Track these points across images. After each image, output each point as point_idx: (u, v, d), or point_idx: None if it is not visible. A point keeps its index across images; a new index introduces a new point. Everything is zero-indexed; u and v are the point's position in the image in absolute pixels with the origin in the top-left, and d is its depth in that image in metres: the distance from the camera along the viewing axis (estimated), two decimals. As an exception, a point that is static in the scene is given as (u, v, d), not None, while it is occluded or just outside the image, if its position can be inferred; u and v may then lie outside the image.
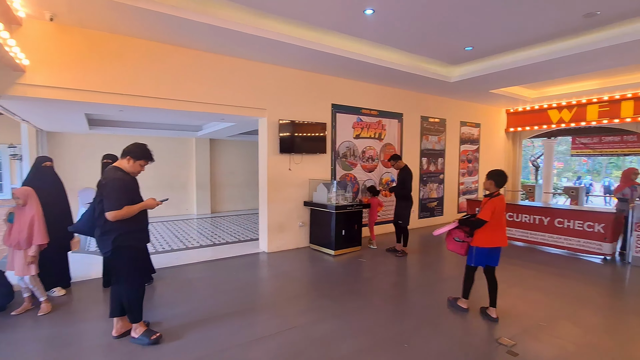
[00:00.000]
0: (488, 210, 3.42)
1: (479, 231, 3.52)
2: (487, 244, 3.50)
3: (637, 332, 3.27)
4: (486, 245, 3.50)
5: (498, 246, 3.53)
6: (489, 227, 3.45)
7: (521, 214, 6.84)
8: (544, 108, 9.83)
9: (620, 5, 4.32)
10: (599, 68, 6.43)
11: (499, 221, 3.47)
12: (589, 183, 23.28)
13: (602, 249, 5.75)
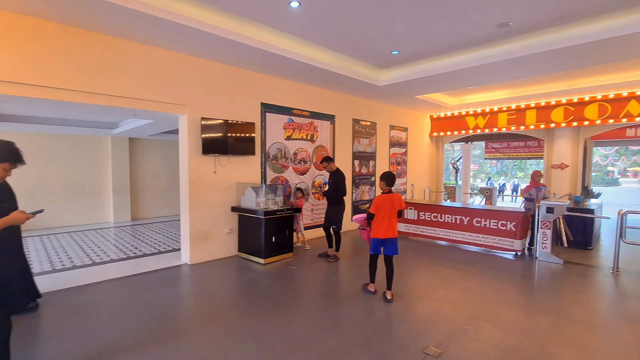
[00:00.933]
0: (374, 205, 4.06)
1: (373, 224, 4.10)
2: (377, 235, 4.03)
3: (551, 330, 3.38)
4: (376, 236, 4.04)
5: (388, 237, 4.02)
6: (377, 220, 4.03)
7: (444, 214, 7.07)
8: (463, 115, 10.48)
9: (529, 17, 4.58)
10: (510, 78, 6.91)
11: (385, 215, 4.00)
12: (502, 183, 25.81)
13: (514, 245, 6.13)
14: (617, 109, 7.90)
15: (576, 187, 9.10)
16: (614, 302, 4.10)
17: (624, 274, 5.13)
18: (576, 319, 3.61)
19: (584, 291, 4.42)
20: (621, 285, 4.66)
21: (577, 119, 8.46)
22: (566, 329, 3.37)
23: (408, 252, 6.43)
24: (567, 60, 5.63)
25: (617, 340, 3.15)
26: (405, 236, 7.65)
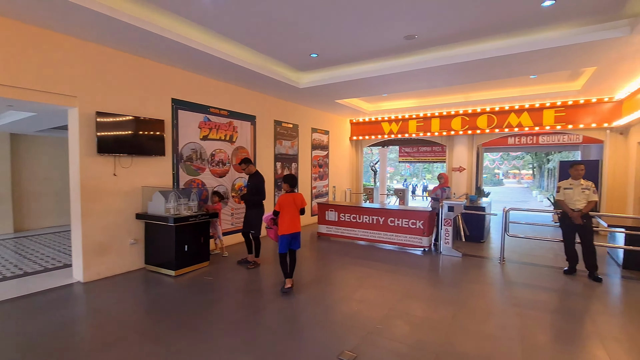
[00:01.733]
0: (278, 203, 4.40)
1: (279, 221, 4.41)
2: (283, 231, 4.33)
3: (454, 321, 3.64)
4: (283, 232, 4.33)
5: (293, 232, 4.36)
6: (282, 217, 4.37)
7: (362, 215, 7.31)
8: (379, 120, 11.05)
9: (433, 32, 4.93)
10: (418, 88, 7.44)
11: (288, 212, 4.35)
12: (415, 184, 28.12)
13: (422, 242, 6.59)
14: (501, 120, 9.09)
15: (471, 188, 10.24)
16: (503, 290, 4.61)
17: (508, 263, 5.86)
18: (474, 308, 3.95)
19: (479, 281, 4.91)
20: (507, 274, 5.29)
21: (472, 127, 9.52)
22: (466, 319, 3.66)
23: (330, 253, 6.47)
24: (465, 74, 6.25)
25: (507, 326, 3.51)
26: (327, 237, 7.72)
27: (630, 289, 4.66)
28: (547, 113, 8.51)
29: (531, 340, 3.21)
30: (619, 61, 5.35)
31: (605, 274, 5.28)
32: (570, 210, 5.10)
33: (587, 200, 5.03)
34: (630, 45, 4.66)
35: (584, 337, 3.30)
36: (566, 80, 7.47)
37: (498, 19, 4.49)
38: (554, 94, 8.00)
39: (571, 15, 4.39)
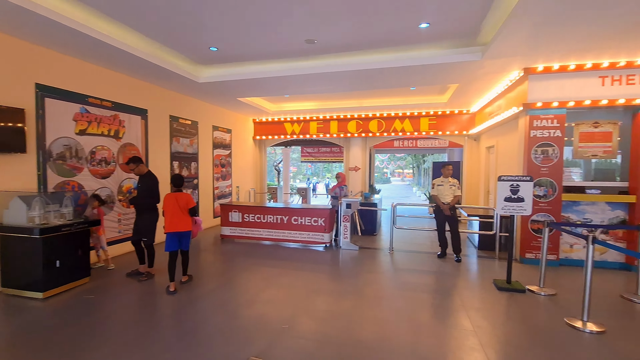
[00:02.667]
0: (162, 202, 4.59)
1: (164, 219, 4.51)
2: (168, 228, 4.43)
3: (354, 311, 3.90)
4: (168, 230, 4.43)
5: (177, 231, 4.44)
6: (166, 216, 4.48)
7: (267, 215, 7.27)
8: (282, 121, 11.14)
9: (331, 39, 5.18)
10: (318, 91, 7.75)
11: (169, 212, 4.45)
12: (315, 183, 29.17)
13: (324, 238, 6.90)
14: (388, 125, 10.14)
15: (365, 186, 11.17)
16: (392, 277, 5.15)
17: (396, 252, 6.57)
18: (370, 296, 4.31)
19: (374, 270, 5.39)
20: (395, 262, 5.94)
21: (365, 131, 10.39)
22: (364, 307, 3.97)
23: (235, 255, 6.24)
24: (359, 81, 6.75)
25: (398, 309, 3.93)
26: (231, 239, 7.44)
27: (484, 265, 5.72)
28: (423, 121, 9.83)
29: (417, 319, 3.67)
30: (473, 80, 6.49)
31: (466, 255, 6.37)
32: (441, 204, 6.00)
33: (453, 194, 6.00)
34: (481, 67, 5.69)
35: (454, 311, 3.91)
36: (437, 94, 8.74)
37: (385, 34, 4.98)
38: (428, 105, 9.29)
39: (441, 38, 5.16)
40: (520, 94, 5.86)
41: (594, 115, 5.62)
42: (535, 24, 4.04)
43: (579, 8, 3.68)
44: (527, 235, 5.70)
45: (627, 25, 4.06)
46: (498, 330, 3.42)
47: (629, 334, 3.37)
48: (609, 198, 5.45)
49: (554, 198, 5.53)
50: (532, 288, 4.51)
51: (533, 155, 5.60)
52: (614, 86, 5.27)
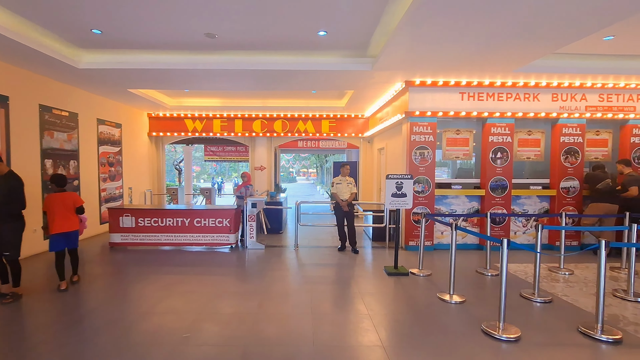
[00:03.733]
0: (44, 203, 4.48)
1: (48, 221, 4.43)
2: (53, 230, 4.38)
3: (259, 310, 3.96)
4: (53, 231, 4.38)
5: (66, 231, 4.43)
6: (51, 217, 4.40)
7: (166, 218, 6.76)
8: (182, 117, 10.42)
9: (233, 36, 5.10)
10: (221, 88, 7.51)
11: (58, 212, 4.40)
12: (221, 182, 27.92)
13: (229, 239, 6.76)
14: (292, 126, 10.43)
15: (271, 185, 11.26)
16: (297, 272, 5.37)
17: (301, 248, 6.85)
18: (276, 293, 4.42)
19: (280, 268, 5.53)
20: (300, 258, 6.19)
21: (270, 130, 10.47)
22: (269, 305, 4.06)
23: (128, 265, 5.64)
24: (262, 81, 6.77)
25: (301, 302, 4.13)
26: (123, 247, 6.69)
27: (377, 255, 6.39)
28: (324, 123, 10.40)
29: (318, 310, 3.91)
30: (365, 88, 7.16)
31: (363, 246, 7.02)
32: (340, 201, 6.48)
33: (350, 192, 6.54)
34: (371, 77, 6.32)
35: (351, 298, 4.30)
36: (336, 98, 9.35)
37: (287, 37, 5.13)
38: (329, 108, 9.87)
39: (338, 47, 5.56)
40: (403, 103, 6.71)
41: (457, 124, 6.79)
42: (408, 47, 4.72)
43: (437, 42, 4.43)
44: (409, 226, 6.57)
45: (473, 57, 5.03)
46: (387, 311, 3.90)
47: (482, 300, 4.21)
48: (467, 192, 6.66)
49: (429, 193, 6.51)
50: (414, 271, 5.24)
51: (413, 156, 6.48)
52: (470, 101, 6.47)
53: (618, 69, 5.83)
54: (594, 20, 3.95)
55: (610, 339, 3.18)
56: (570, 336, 3.31)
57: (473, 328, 3.45)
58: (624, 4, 3.58)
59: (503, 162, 6.53)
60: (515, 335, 3.22)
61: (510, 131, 6.51)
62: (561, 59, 5.74)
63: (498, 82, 6.38)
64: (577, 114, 6.52)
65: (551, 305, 4.07)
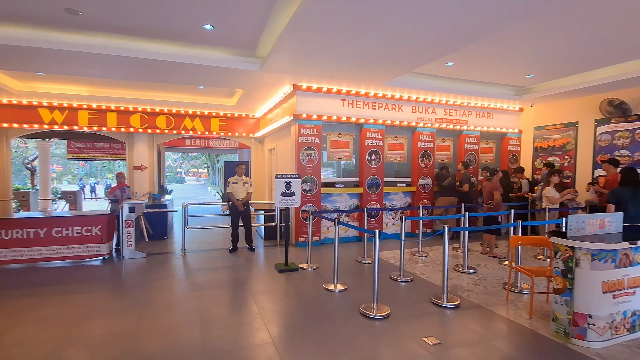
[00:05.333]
0: None
1: None
2: None
3: (139, 324, 3.56)
4: None
5: None
6: None
7: (12, 230, 5.45)
8: (35, 105, 8.49)
9: (102, 15, 4.41)
10: (88, 75, 6.35)
11: None
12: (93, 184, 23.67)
13: (101, 250, 5.87)
14: (178, 123, 9.61)
15: (154, 186, 10.20)
16: (186, 279, 5.04)
17: (189, 253, 6.43)
18: (159, 304, 4.06)
19: (164, 277, 5.08)
20: (188, 263, 5.81)
21: (151, 126, 9.43)
22: (152, 318, 3.70)
23: (-56, 295, 4.34)
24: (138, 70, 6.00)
25: (189, 311, 3.89)
26: (-61, 272, 5.11)
27: (269, 253, 6.49)
28: (214, 121, 9.94)
29: (208, 316, 3.76)
30: (255, 88, 7.13)
31: (256, 246, 7.01)
32: (236, 200, 6.34)
33: (246, 192, 6.47)
34: (260, 78, 6.32)
35: (243, 299, 4.27)
36: (226, 96, 9.04)
37: (169, 25, 4.68)
38: (218, 106, 9.47)
39: (226, 44, 5.37)
40: (291, 105, 6.94)
41: (339, 128, 7.39)
42: (293, 54, 4.93)
43: (319, 53, 4.78)
44: (299, 223, 6.87)
45: (349, 69, 5.58)
46: (278, 307, 4.01)
47: (360, 286, 4.71)
48: (348, 190, 7.34)
49: (316, 192, 6.92)
50: (303, 266, 5.51)
51: (301, 157, 6.79)
52: (349, 108, 7.13)
53: (456, 89, 7.27)
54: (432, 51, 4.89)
55: (452, 305, 3.98)
56: (425, 307, 4.01)
57: (353, 312, 3.85)
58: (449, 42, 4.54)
59: (377, 163, 7.41)
60: (386, 313, 3.73)
61: (381, 136, 7.43)
62: (418, 78, 6.82)
63: (372, 92, 7.20)
64: (429, 124, 7.88)
65: (413, 283, 4.84)
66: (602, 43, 5.05)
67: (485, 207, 6.17)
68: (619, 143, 7.00)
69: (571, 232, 3.23)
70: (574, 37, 4.86)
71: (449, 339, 3.24)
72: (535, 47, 5.27)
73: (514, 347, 3.13)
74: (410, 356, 2.95)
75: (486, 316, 3.76)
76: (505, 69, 6.36)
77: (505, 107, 8.68)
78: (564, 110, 8.03)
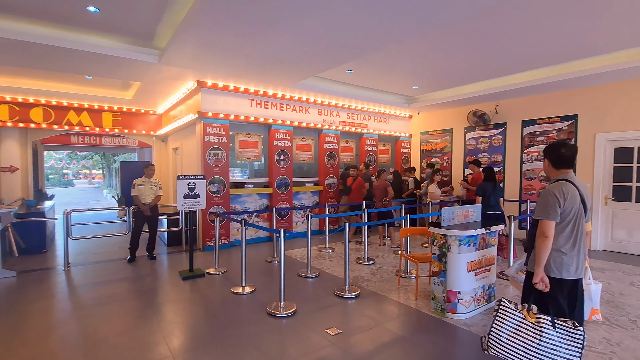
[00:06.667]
0: None
1: None
2: None
3: (8, 358, 2.91)
4: None
5: None
6: None
7: None
8: None
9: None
10: None
11: None
12: None
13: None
14: (60, 116, 8.14)
15: (29, 191, 8.47)
16: (69, 298, 4.29)
17: (74, 267, 5.52)
18: (32, 330, 3.37)
19: (40, 297, 4.24)
20: (73, 279, 4.98)
21: (24, 120, 7.79)
22: (20, 348, 3.06)
23: None
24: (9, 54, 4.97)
25: (70, 333, 3.32)
26: None
27: (173, 260, 5.97)
28: (106, 116, 8.71)
29: (95, 337, 3.26)
30: (155, 82, 6.47)
31: (158, 253, 6.40)
32: (142, 204, 5.68)
33: (154, 195, 5.84)
34: (159, 71, 5.76)
35: (140, 312, 3.83)
36: (120, 89, 8.00)
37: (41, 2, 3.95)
38: (111, 99, 8.32)
39: (118, 31, 4.73)
40: (196, 102, 6.51)
41: (248, 128, 7.22)
42: (195, 49, 4.64)
43: (224, 51, 4.60)
44: (206, 226, 6.50)
45: (257, 69, 5.51)
46: (180, 318, 3.72)
47: (269, 286, 4.67)
48: (258, 190, 7.23)
49: (224, 193, 6.64)
50: (210, 271, 5.23)
51: (208, 157, 6.43)
52: (257, 108, 7.03)
53: (357, 95, 7.79)
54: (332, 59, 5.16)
55: (353, 295, 4.25)
56: (330, 299, 4.19)
57: (260, 313, 3.80)
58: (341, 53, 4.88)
59: (285, 164, 7.47)
60: (292, 310, 3.78)
61: (290, 137, 7.51)
62: (323, 82, 7.10)
63: (280, 94, 7.22)
64: (334, 126, 8.27)
65: (319, 278, 5.02)
66: (470, 63, 5.99)
67: (379, 203, 6.76)
68: (481, 147, 8.43)
69: (444, 222, 3.76)
70: (449, 57, 5.66)
71: (349, 327, 3.46)
72: (419, 63, 5.97)
73: (402, 327, 3.50)
74: (313, 349, 3.05)
75: (381, 302, 4.13)
76: (396, 79, 7.06)
77: (398, 114, 9.64)
78: (442, 118, 9.30)
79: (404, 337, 3.29)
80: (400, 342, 3.20)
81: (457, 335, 3.32)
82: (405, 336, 3.30)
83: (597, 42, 5.02)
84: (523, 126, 7.64)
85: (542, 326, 2.19)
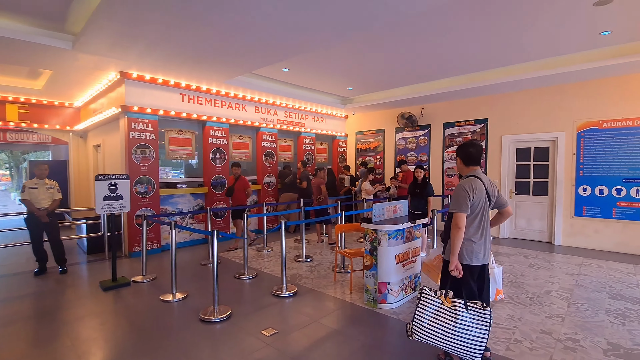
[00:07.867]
0: None
1: None
2: None
3: None
4: None
5: None
6: None
7: None
8: None
9: None
10: None
11: None
12: None
13: None
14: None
15: None
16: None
17: (-37, 285, 4.60)
18: None
19: None
20: (-41, 300, 4.14)
21: None
22: None
23: None
24: None
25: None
26: None
27: (93, 269, 5.30)
28: (11, 108, 7.42)
29: None
30: (70, 71, 5.63)
31: (77, 262, 5.64)
32: (36, 210, 4.88)
33: (52, 198, 5.06)
34: (75, 59, 5.03)
35: (50, 332, 3.31)
36: (26, 78, 6.86)
37: None
38: (16, 89, 7.10)
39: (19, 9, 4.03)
40: (119, 95, 5.86)
41: (179, 125, 6.72)
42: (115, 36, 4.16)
43: (149, 41, 4.20)
44: (133, 230, 5.89)
45: (188, 63, 5.15)
46: (100, 333, 3.30)
47: (203, 291, 4.39)
48: (191, 190, 6.77)
49: (153, 194, 6.08)
50: (137, 278, 4.75)
51: (133, 155, 5.83)
52: (190, 103, 6.58)
53: (294, 94, 7.74)
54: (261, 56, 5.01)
55: (290, 294, 4.20)
56: (267, 299, 4.09)
57: (192, 320, 3.55)
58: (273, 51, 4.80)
59: (221, 162, 7.11)
60: (227, 314, 3.60)
61: (226, 135, 7.17)
62: (260, 80, 6.91)
63: (214, 89, 6.84)
64: (272, 125, 8.12)
65: (257, 279, 4.87)
66: (400, 68, 6.32)
67: (315, 201, 6.83)
68: (409, 147, 9.00)
69: (375, 217, 3.90)
70: (379, 61, 5.90)
71: (285, 327, 3.40)
72: (352, 65, 6.13)
73: (337, 321, 3.55)
74: (247, 352, 2.94)
75: (317, 298, 4.15)
76: (332, 80, 7.17)
77: (335, 114, 9.84)
78: (375, 119, 9.72)
79: (338, 330, 3.34)
80: (334, 336, 3.24)
81: (387, 325, 3.47)
82: (340, 330, 3.35)
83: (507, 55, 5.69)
84: (444, 128, 8.32)
85: (457, 309, 2.37)
